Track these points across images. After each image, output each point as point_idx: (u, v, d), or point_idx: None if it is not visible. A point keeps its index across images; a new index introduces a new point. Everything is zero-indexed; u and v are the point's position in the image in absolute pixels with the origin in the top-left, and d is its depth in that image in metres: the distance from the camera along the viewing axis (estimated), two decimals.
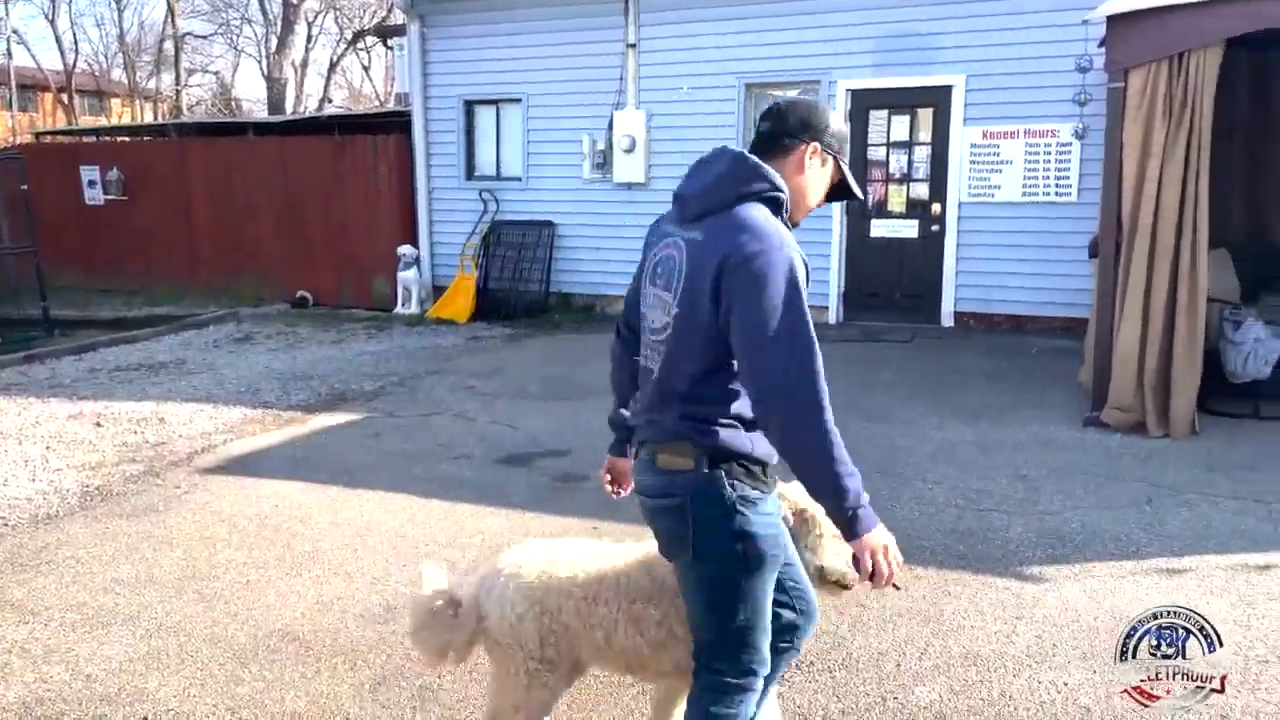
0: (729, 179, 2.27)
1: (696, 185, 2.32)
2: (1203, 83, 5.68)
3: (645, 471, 2.34)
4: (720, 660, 2.31)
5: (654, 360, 2.30)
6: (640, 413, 2.39)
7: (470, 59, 11.60)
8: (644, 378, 2.36)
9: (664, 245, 2.34)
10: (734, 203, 2.22)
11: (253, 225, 12.92)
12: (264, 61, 30.40)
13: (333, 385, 7.89)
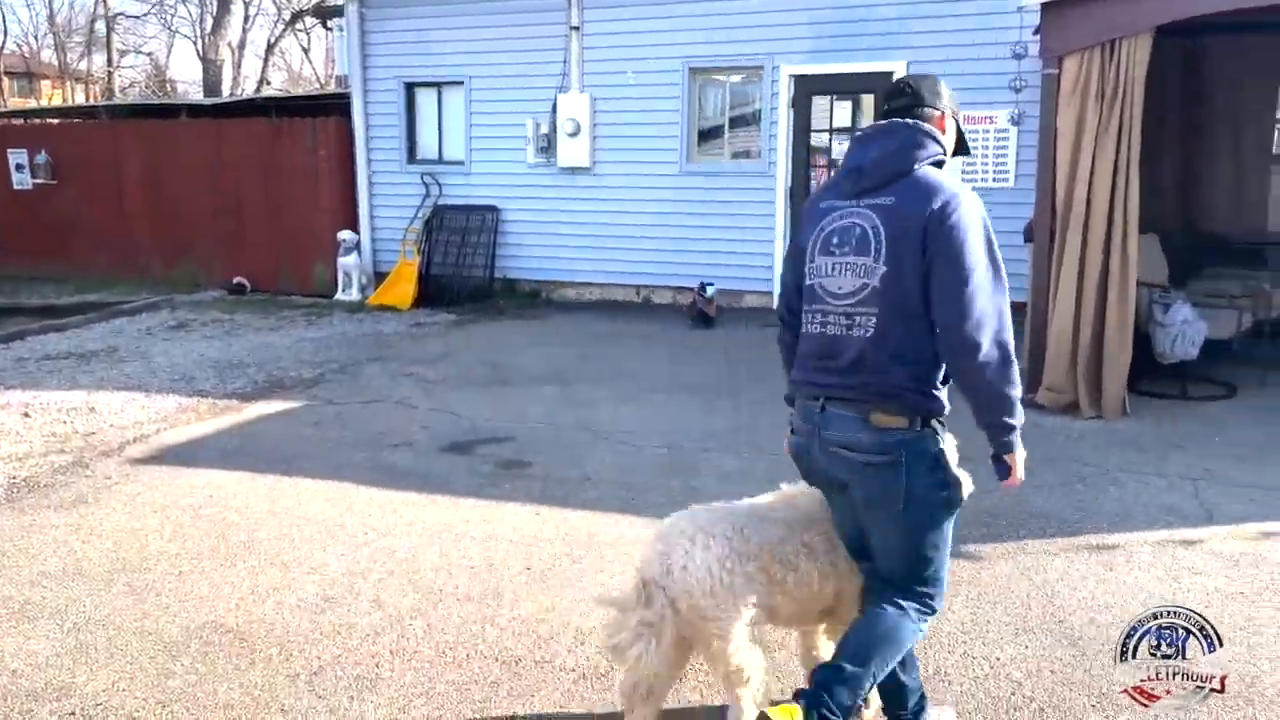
0: (909, 147, 2.52)
1: (875, 155, 2.54)
2: (1134, 70, 5.79)
3: (850, 428, 2.52)
4: (914, 593, 2.59)
5: (833, 325, 2.55)
6: (820, 371, 2.59)
7: (411, 40, 11.43)
8: (816, 346, 2.60)
9: (838, 217, 2.57)
10: (912, 168, 2.50)
11: (187, 210, 12.61)
12: (199, 42, 29.68)
13: (270, 373, 7.75)
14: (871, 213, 2.50)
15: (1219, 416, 6.13)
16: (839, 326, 2.54)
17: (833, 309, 2.56)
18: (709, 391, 7.00)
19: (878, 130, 2.61)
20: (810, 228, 2.64)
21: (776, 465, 5.27)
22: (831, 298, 2.56)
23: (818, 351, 2.61)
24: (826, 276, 2.57)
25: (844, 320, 2.53)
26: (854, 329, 2.51)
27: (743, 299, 10.54)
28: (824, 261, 2.58)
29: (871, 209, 2.50)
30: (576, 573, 4.02)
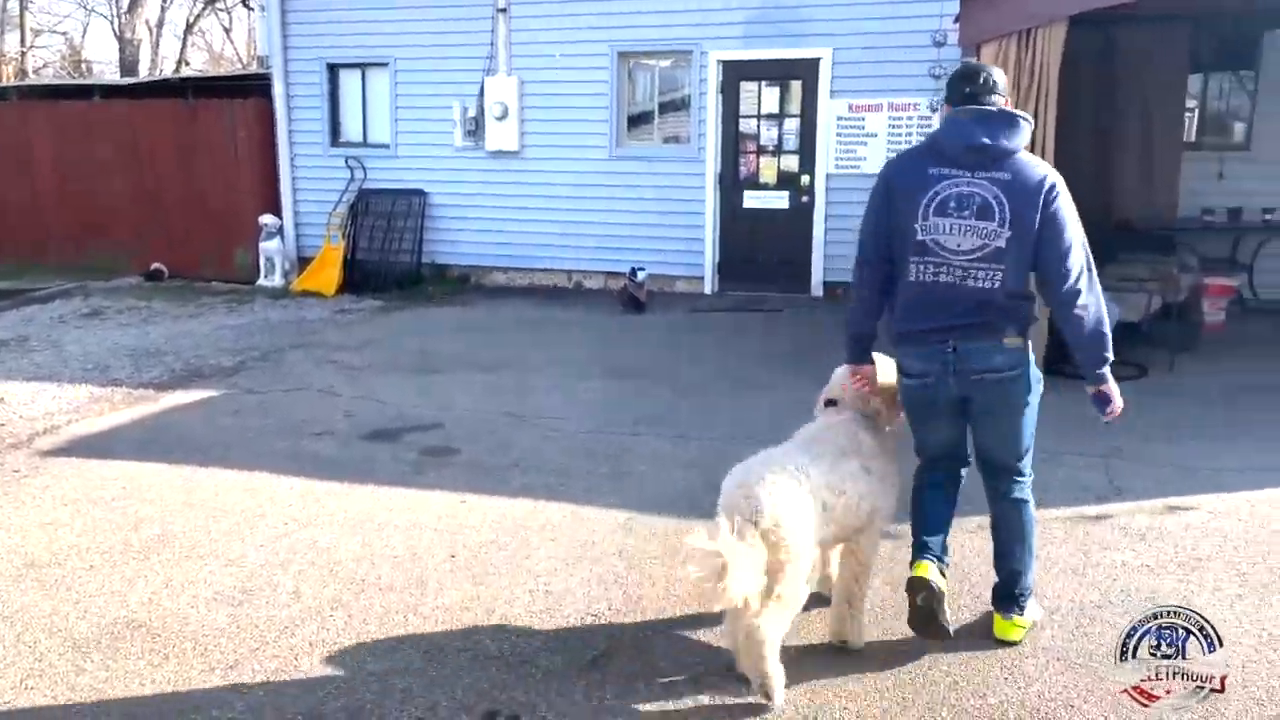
0: (1020, 134, 3.08)
1: (996, 136, 3.05)
2: (1049, 58, 5.92)
3: (988, 353, 3.11)
4: (1024, 466, 3.33)
5: (958, 274, 3.08)
6: (946, 315, 3.11)
7: (334, 20, 11.19)
8: (938, 294, 3.12)
9: (954, 185, 3.08)
10: (1018, 149, 3.08)
11: (101, 194, 12.20)
12: (116, 21, 28.64)
13: (188, 361, 7.55)
14: (993, 185, 3.05)
15: (1129, 396, 6.24)
16: (954, 276, 3.10)
17: (949, 262, 3.10)
18: (639, 376, 7.01)
19: (989, 115, 3.09)
20: (920, 191, 3.10)
21: (704, 449, 5.33)
22: (949, 253, 3.09)
23: (935, 300, 3.13)
24: (945, 234, 3.09)
25: (960, 272, 3.09)
26: (969, 279, 3.08)
27: (674, 284, 10.57)
28: (940, 221, 3.09)
29: (991, 181, 3.05)
30: (503, 560, 4.00)
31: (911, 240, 3.13)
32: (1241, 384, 6.55)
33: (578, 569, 3.91)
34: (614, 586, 3.75)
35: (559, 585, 3.77)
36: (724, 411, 6.10)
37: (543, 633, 3.41)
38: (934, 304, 3.13)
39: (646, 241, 10.44)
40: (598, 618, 3.52)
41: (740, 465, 3.06)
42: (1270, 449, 5.25)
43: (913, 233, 3.12)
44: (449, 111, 10.93)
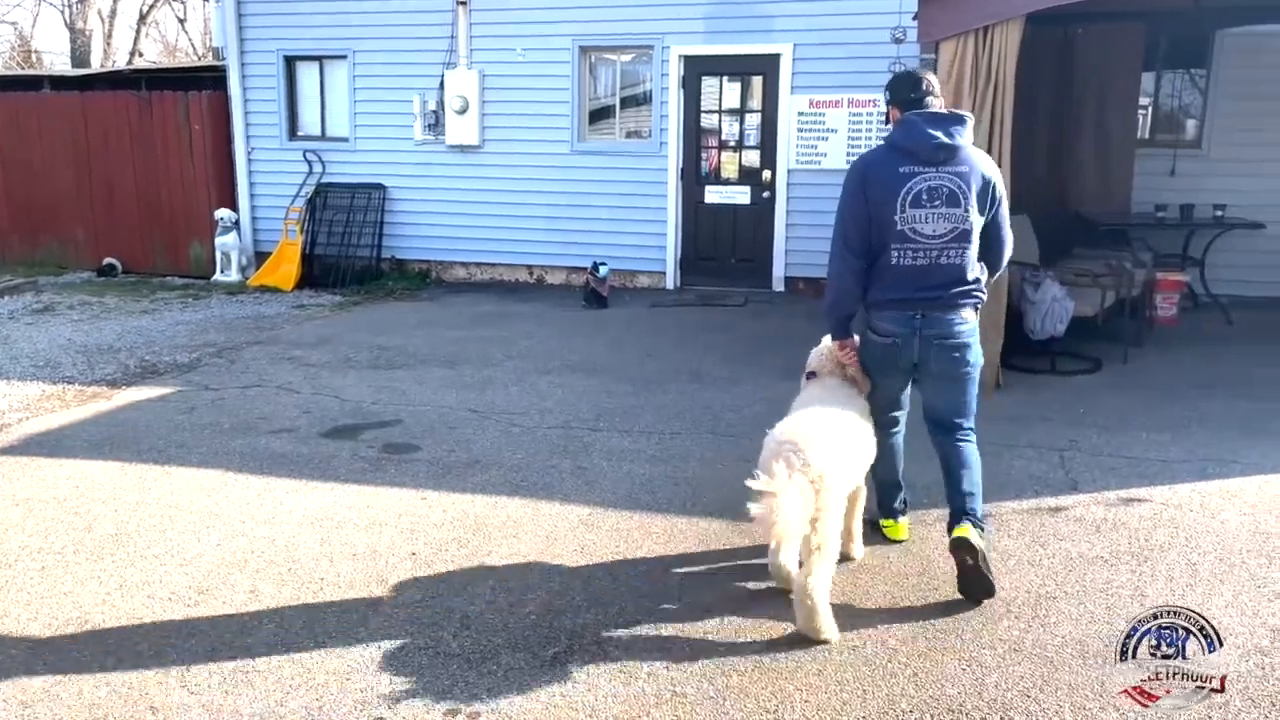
0: (968, 131, 3.57)
1: (953, 136, 3.52)
2: (1006, 55, 5.98)
3: (954, 323, 3.63)
4: (968, 423, 3.77)
5: (932, 255, 3.57)
6: (913, 290, 3.60)
7: (290, 11, 11.03)
8: (914, 273, 3.59)
9: (924, 179, 3.53)
10: (966, 145, 3.57)
11: (52, 188, 11.95)
12: (67, 11, 28.02)
13: (142, 358, 7.42)
14: (955, 177, 3.53)
15: (1085, 389, 6.43)
16: (929, 258, 3.58)
17: (925, 246, 3.57)
18: (601, 372, 7.00)
19: (942, 116, 3.59)
20: (895, 188, 3.54)
21: (665, 444, 5.34)
22: (925, 238, 3.57)
23: (911, 277, 3.61)
24: (921, 223, 3.55)
25: (934, 253, 3.58)
26: (941, 258, 3.57)
27: (636, 279, 10.57)
28: (916, 212, 3.55)
29: (953, 174, 3.53)
30: (463, 557, 3.98)
31: (892, 230, 3.58)
32: (1191, 377, 6.68)
33: (539, 565, 3.89)
34: (575, 583, 3.75)
35: (520, 582, 3.76)
36: (686, 406, 6.11)
37: (504, 630, 3.40)
38: (910, 280, 3.62)
39: (608, 236, 10.43)
40: (559, 614, 3.51)
41: (786, 421, 3.50)
42: (1217, 441, 5.35)
43: (893, 224, 3.57)
44: (409, 105, 10.82)
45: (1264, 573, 3.78)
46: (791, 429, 3.39)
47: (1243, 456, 5.09)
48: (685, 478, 4.86)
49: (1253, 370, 6.84)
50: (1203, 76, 9.32)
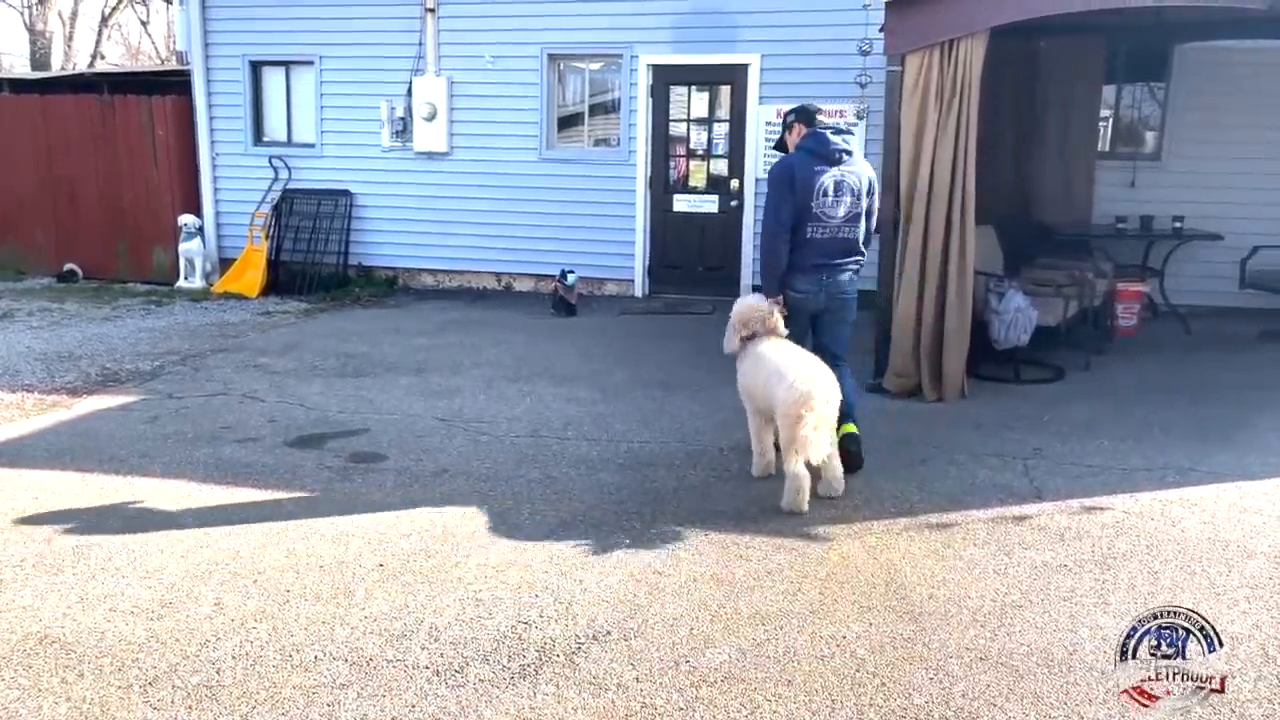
0: (855, 142, 5.02)
1: (848, 146, 4.94)
2: (971, 68, 6.06)
3: (847, 282, 5.06)
4: (844, 354, 5.13)
5: (836, 232, 4.93)
6: (824, 259, 4.97)
7: (256, 17, 10.94)
8: (823, 248, 4.94)
9: (830, 175, 4.87)
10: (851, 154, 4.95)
11: (11, 192, 11.75)
12: (26, 13, 27.58)
13: (104, 365, 7.32)
14: (851, 174, 4.93)
15: (1048, 398, 6.51)
16: (832, 233, 4.94)
17: (830, 225, 4.93)
18: (569, 380, 6.99)
19: (841, 130, 5.02)
20: (813, 182, 4.85)
21: (634, 452, 5.34)
22: (830, 219, 4.92)
23: (824, 248, 4.95)
24: (830, 208, 4.91)
25: (835, 230, 4.94)
26: (840, 233, 4.95)
27: (604, 286, 10.57)
28: (826, 200, 4.88)
29: (848, 172, 4.92)
30: (431, 568, 3.96)
31: (809, 213, 4.89)
32: (1152, 385, 6.79)
33: (508, 576, 3.88)
34: (544, 593, 3.74)
35: (489, 593, 3.74)
36: (654, 414, 6.12)
37: (474, 642, 3.38)
38: (819, 250, 4.95)
39: (577, 244, 10.42)
40: (529, 625, 3.50)
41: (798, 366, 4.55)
42: (1177, 448, 5.44)
43: (810, 209, 4.89)
44: (376, 111, 10.77)
45: (1224, 580, 3.85)
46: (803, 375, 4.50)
47: (1202, 464, 5.18)
48: (654, 486, 4.86)
49: (1211, 378, 6.97)
50: (1162, 89, 9.49)
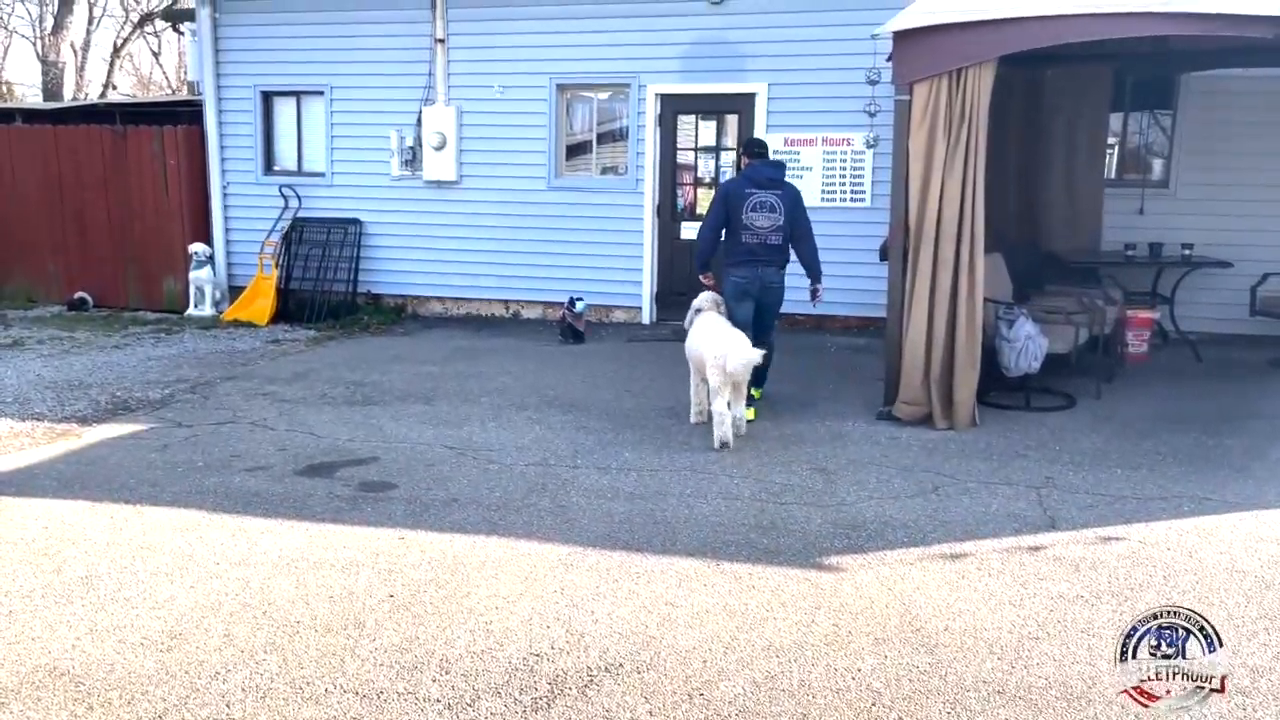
0: (785, 171, 6.75)
1: (777, 175, 6.58)
2: (979, 97, 6.09)
3: (772, 276, 6.54)
4: (772, 334, 6.70)
5: (764, 238, 6.44)
6: (753, 257, 6.46)
7: (268, 48, 11.06)
8: (753, 249, 6.46)
9: (759, 195, 6.41)
10: (784, 178, 6.63)
11: (23, 221, 11.84)
12: (39, 43, 27.90)
13: (114, 394, 7.33)
14: (776, 196, 6.46)
15: (1060, 426, 6.48)
16: (760, 239, 6.45)
17: (758, 233, 6.45)
18: (578, 407, 6.98)
19: (774, 163, 6.76)
20: (744, 199, 6.45)
21: (644, 481, 5.31)
22: (759, 229, 6.45)
23: (753, 250, 6.47)
24: (756, 220, 6.44)
25: (764, 238, 6.45)
26: (767, 240, 6.45)
27: (612, 314, 10.58)
28: (754, 215, 6.43)
29: (775, 195, 6.46)
30: (441, 599, 3.93)
31: (740, 223, 6.45)
32: (1163, 413, 6.75)
33: (519, 607, 3.85)
34: (555, 624, 3.71)
35: (500, 624, 3.71)
36: (664, 442, 6.10)
37: (485, 674, 3.35)
38: (751, 251, 6.48)
39: (585, 272, 10.45)
40: (540, 657, 3.47)
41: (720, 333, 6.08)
42: (1191, 477, 5.41)
43: (741, 221, 6.45)
44: (386, 140, 10.85)
45: (1242, 612, 3.80)
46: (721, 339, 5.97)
47: (1217, 493, 5.15)
48: (664, 516, 4.83)
49: (1223, 406, 6.93)
50: (1169, 117, 9.52)
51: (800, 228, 6.52)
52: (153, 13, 26.69)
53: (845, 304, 9.84)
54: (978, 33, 5.99)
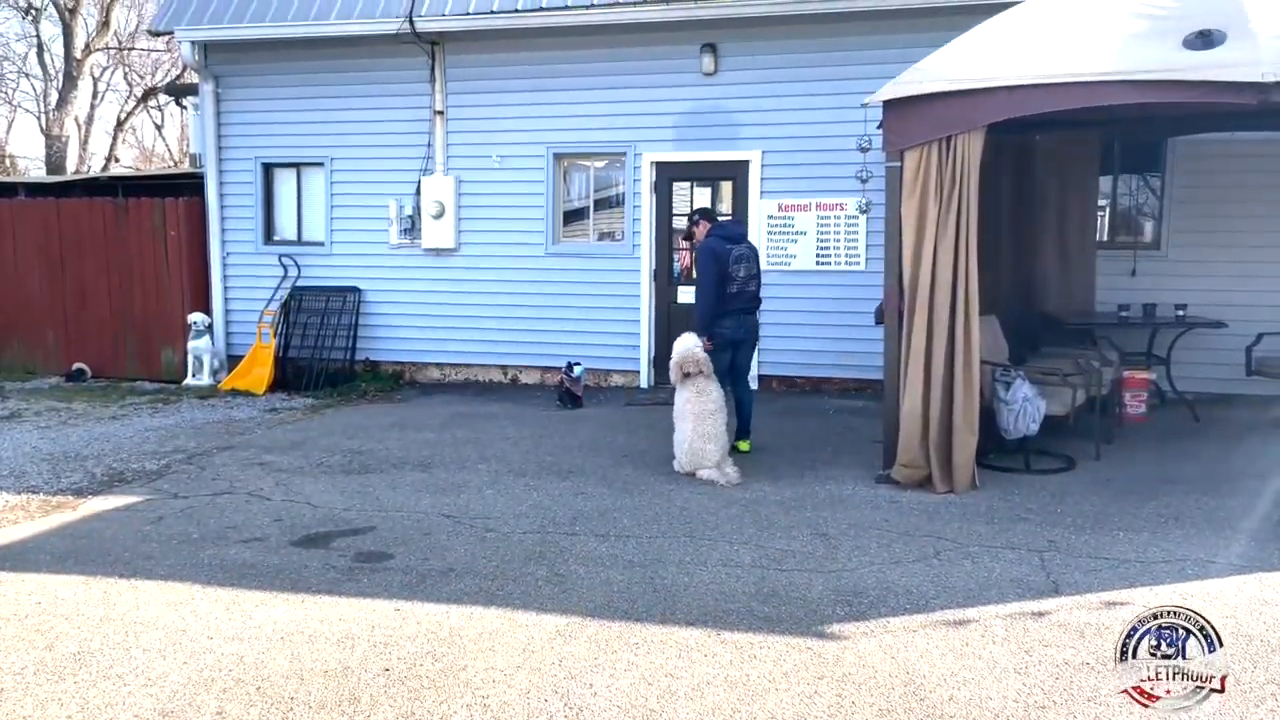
0: (745, 230, 8.05)
1: (744, 231, 7.72)
2: (969, 164, 6.18)
3: (752, 321, 7.39)
4: (750, 375, 7.87)
5: (744, 287, 7.13)
6: (739, 306, 7.14)
7: (269, 121, 11.24)
8: (738, 297, 7.11)
9: (738, 251, 7.13)
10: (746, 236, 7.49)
11: (22, 293, 11.91)
12: (43, 117, 28.35)
13: (110, 465, 7.30)
14: (747, 250, 7.21)
15: (1060, 488, 6.45)
16: (741, 288, 7.10)
17: (740, 283, 7.08)
18: (576, 473, 6.96)
19: (735, 221, 9.03)
20: (728, 256, 7.06)
21: (643, 548, 5.27)
22: (740, 280, 7.08)
23: (740, 300, 7.12)
24: (738, 272, 7.06)
25: (744, 287, 7.13)
26: (746, 289, 7.15)
27: (610, 378, 10.60)
28: (736, 267, 7.05)
29: (747, 249, 7.22)
30: (438, 672, 3.87)
31: (728, 277, 7.05)
32: (1164, 475, 6.73)
33: (516, 679, 3.80)
34: (554, 698, 3.65)
35: (497, 698, 3.65)
36: (662, 509, 6.06)
37: None
38: (735, 300, 7.11)
39: (582, 336, 10.50)
40: None
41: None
42: (1194, 540, 5.37)
43: (729, 273, 7.05)
44: (385, 210, 10.98)
45: (1249, 677, 3.74)
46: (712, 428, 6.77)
47: (1220, 556, 5.11)
48: (663, 584, 4.78)
49: (1222, 467, 6.91)
50: (1158, 180, 9.65)
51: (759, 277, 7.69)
52: (156, 87, 27.19)
53: (842, 366, 9.88)
54: (965, 102, 6.10)
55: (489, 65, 10.56)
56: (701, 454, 6.75)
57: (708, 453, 6.74)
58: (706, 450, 6.74)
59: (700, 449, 6.75)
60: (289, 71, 11.11)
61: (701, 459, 6.74)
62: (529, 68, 10.45)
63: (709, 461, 6.72)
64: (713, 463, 6.72)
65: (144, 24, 26.33)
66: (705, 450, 6.74)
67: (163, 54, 27.39)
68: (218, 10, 10.95)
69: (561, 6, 9.97)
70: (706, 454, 6.74)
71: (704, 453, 6.74)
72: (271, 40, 10.89)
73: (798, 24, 9.63)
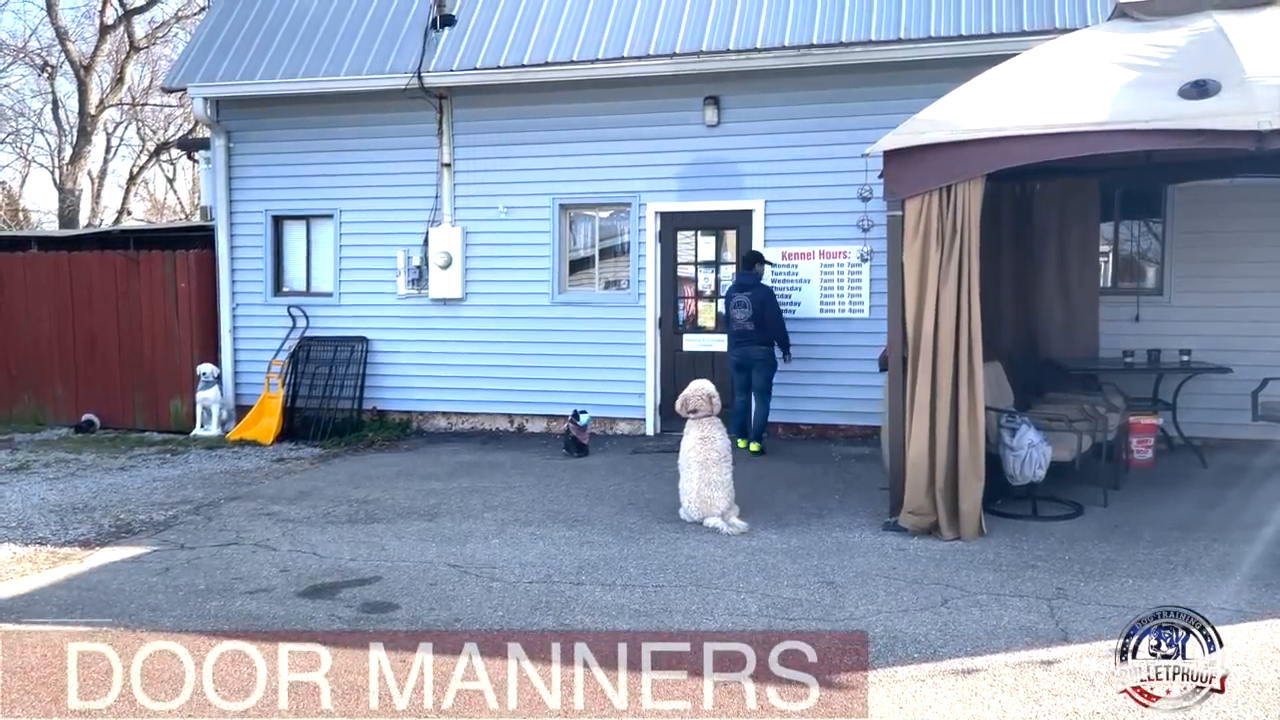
0: (756, 276, 9.25)
1: (747, 281, 9.17)
2: (969, 211, 6.24)
3: (751, 351, 9.13)
4: (767, 394, 9.28)
5: (742, 326, 9.06)
6: (736, 340, 9.19)
7: (279, 174, 11.40)
8: (736, 334, 9.15)
9: (737, 296, 9.08)
10: (757, 284, 9.18)
11: (33, 345, 12.02)
12: (57, 172, 28.78)
13: (117, 516, 7.31)
14: (747, 296, 9.04)
15: (1068, 534, 6.42)
16: (740, 326, 9.07)
17: (736, 321, 9.09)
18: (582, 522, 6.95)
19: (745, 274, 9.30)
20: (730, 300, 9.15)
21: (649, 597, 5.25)
22: (736, 321, 9.09)
23: (737, 335, 9.14)
24: (735, 314, 9.09)
25: (742, 326, 9.06)
26: (744, 328, 9.05)
27: (616, 425, 10.62)
28: (733, 311, 9.10)
29: (747, 296, 9.04)
30: None
31: (729, 317, 9.05)
32: (1172, 520, 6.70)
33: None
34: None
35: None
36: (669, 557, 6.05)
37: None
38: (735, 335, 9.06)
39: (589, 384, 10.53)
40: None
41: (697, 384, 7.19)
42: (1203, 587, 5.33)
43: (729, 314, 9.05)
44: (393, 260, 11.09)
45: None
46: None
47: (1230, 603, 5.06)
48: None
49: (1230, 512, 6.87)
50: (1159, 225, 9.71)
51: (769, 316, 9.03)
52: (168, 141, 27.58)
53: (848, 413, 9.88)
54: (965, 151, 6.18)
55: (496, 118, 10.73)
56: (708, 502, 6.73)
57: (714, 500, 6.72)
58: (713, 498, 6.72)
59: (707, 497, 6.73)
60: (299, 125, 11.30)
61: (708, 507, 6.72)
62: (535, 120, 10.62)
63: (716, 509, 6.70)
64: (719, 511, 6.69)
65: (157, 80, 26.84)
66: (712, 498, 6.72)
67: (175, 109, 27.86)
68: (230, 68, 11.17)
69: (567, 61, 10.15)
70: (713, 502, 6.72)
71: (710, 500, 6.72)
72: (282, 96, 11.09)
73: (798, 76, 9.79)
